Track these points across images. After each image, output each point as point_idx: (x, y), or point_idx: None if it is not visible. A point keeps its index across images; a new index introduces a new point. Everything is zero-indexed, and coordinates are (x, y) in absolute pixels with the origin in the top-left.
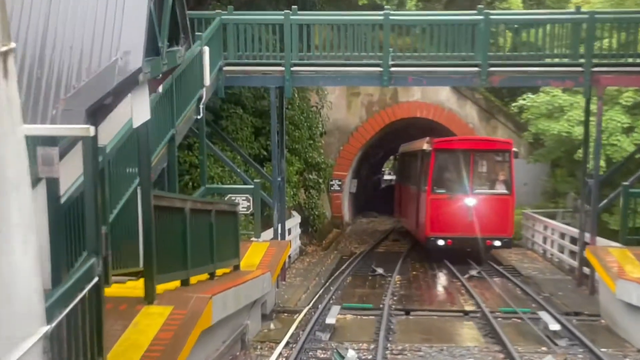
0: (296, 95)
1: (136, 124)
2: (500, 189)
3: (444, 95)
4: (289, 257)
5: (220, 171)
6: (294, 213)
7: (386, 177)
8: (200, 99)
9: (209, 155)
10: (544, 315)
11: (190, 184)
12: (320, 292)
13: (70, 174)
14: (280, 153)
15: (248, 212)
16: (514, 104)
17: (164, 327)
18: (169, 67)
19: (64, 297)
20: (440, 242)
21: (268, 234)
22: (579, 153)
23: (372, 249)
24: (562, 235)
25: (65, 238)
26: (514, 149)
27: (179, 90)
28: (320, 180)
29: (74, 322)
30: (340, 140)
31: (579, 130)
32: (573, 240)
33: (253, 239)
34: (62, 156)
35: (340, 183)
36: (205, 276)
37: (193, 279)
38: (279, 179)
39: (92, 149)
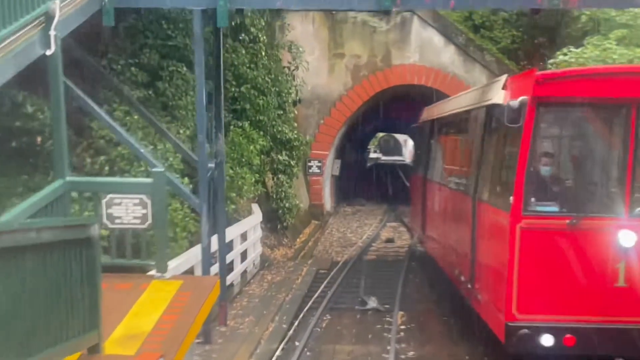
0: (263, 52)
1: None
2: None
3: (447, 57)
4: (245, 272)
5: (151, 150)
6: (255, 208)
7: (372, 155)
8: (49, 18)
9: (143, 127)
10: None
11: (107, 168)
12: (278, 351)
13: None
14: (214, 123)
15: (145, 226)
16: (551, 61)
17: None
18: None
19: None
20: (547, 341)
21: (194, 254)
22: None
23: (361, 255)
24: None
25: None
26: None
27: None
28: (292, 162)
29: None
30: (321, 112)
31: None
32: None
33: (154, 273)
34: None
35: (320, 164)
36: None
37: None
38: (212, 164)
39: None
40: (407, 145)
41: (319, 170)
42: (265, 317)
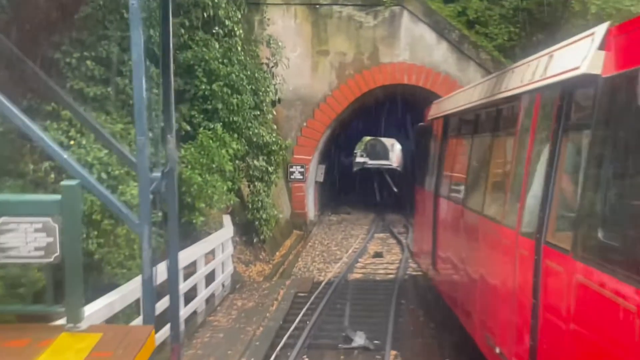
0: (239, 47)
1: None
2: None
3: (439, 54)
4: (212, 296)
5: (105, 155)
6: (226, 220)
7: (358, 159)
8: None
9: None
10: None
11: (53, 175)
12: None
13: None
14: (164, 123)
15: (51, 260)
16: None
17: None
18: None
19: None
20: None
21: (139, 285)
22: None
23: (346, 273)
24: None
25: None
26: None
27: None
28: (270, 168)
29: None
30: (304, 114)
31: None
32: None
33: (64, 323)
34: None
35: (302, 170)
36: None
37: None
38: (158, 173)
39: None
40: (394, 149)
41: (301, 177)
42: (229, 359)
